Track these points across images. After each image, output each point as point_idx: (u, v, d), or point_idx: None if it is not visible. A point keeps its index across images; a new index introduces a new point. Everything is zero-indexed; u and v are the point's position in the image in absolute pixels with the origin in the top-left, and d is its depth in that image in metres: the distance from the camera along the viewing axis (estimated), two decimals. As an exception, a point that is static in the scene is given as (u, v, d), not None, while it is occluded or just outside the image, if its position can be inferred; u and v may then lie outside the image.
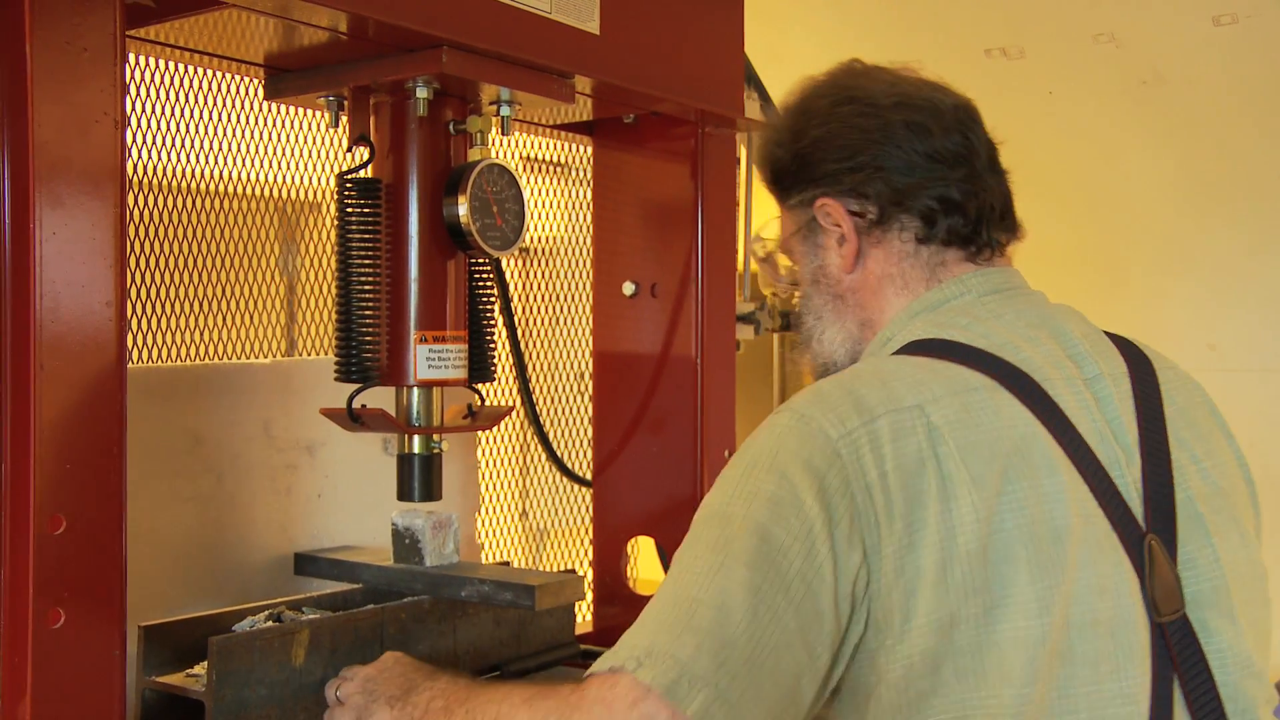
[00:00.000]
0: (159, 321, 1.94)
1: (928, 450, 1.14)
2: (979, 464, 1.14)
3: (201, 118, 1.98)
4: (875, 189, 1.31)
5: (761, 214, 2.45)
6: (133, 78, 1.86)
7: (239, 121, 2.04)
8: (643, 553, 2.28)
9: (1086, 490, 1.18)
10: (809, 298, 1.43)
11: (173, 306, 1.96)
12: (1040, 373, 1.23)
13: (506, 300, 2.18)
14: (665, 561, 2.13)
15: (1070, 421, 1.21)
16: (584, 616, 2.24)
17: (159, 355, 1.94)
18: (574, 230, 2.69)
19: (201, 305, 2.02)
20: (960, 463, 1.14)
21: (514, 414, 2.05)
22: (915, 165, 1.31)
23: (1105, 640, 1.14)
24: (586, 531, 2.38)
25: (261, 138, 2.09)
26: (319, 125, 2.14)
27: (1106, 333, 1.36)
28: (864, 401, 1.17)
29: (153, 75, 1.90)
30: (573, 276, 2.70)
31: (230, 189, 2.07)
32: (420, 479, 1.72)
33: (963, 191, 1.31)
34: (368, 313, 1.64)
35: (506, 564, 2.39)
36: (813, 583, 1.09)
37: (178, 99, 1.94)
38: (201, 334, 2.02)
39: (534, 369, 2.50)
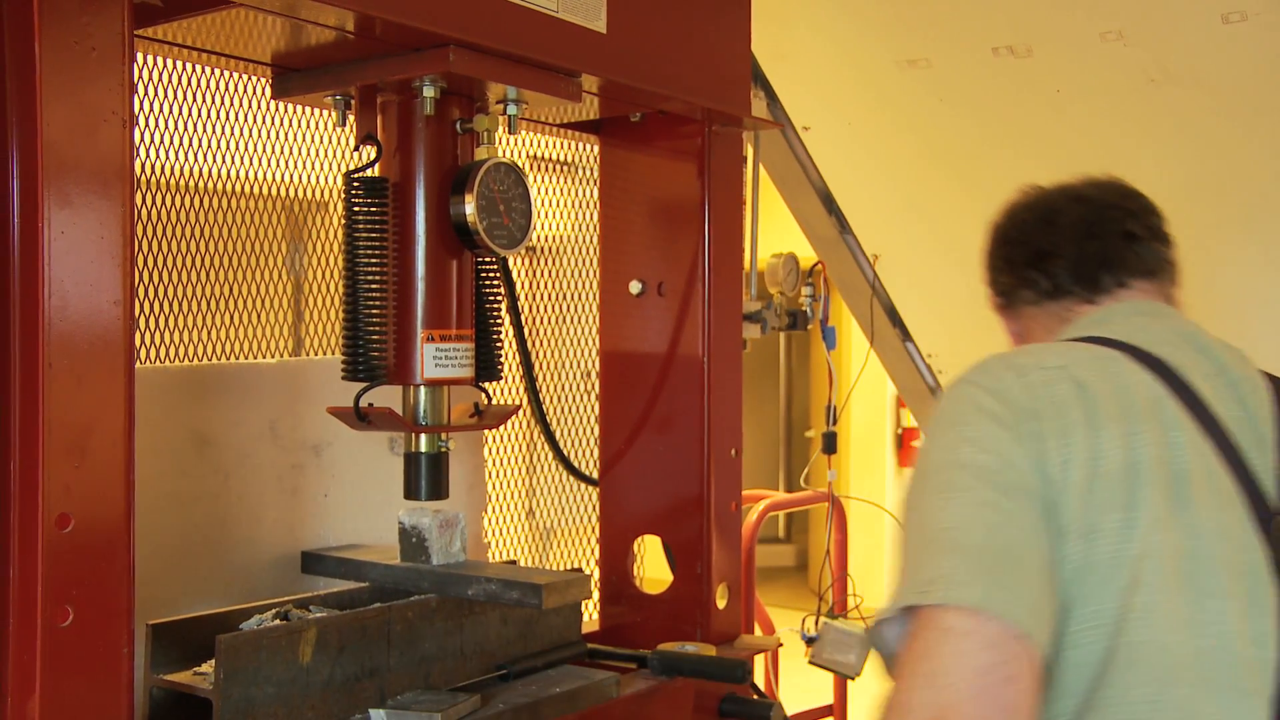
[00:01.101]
0: (167, 320, 1.94)
1: (1073, 394, 1.32)
2: (1117, 407, 1.32)
3: (209, 117, 1.98)
4: (1001, 280, 1.67)
5: (768, 213, 2.45)
6: (141, 77, 1.86)
7: (246, 121, 2.05)
8: (649, 551, 2.28)
9: (1212, 454, 1.32)
10: None
11: (180, 306, 1.96)
12: (1177, 365, 1.39)
13: (513, 299, 2.18)
14: (671, 560, 2.13)
15: (1202, 400, 1.36)
16: (591, 615, 2.24)
17: (166, 354, 1.94)
18: (581, 229, 2.69)
19: (209, 304, 2.02)
20: (1101, 404, 1.31)
21: (521, 413, 2.05)
22: (1021, 253, 1.64)
23: (1237, 581, 1.26)
24: (593, 530, 2.38)
25: (269, 137, 2.10)
26: (326, 124, 2.14)
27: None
28: (1016, 363, 1.39)
29: (161, 74, 1.91)
30: (579, 275, 2.70)
31: (237, 188, 2.08)
32: (427, 478, 1.72)
33: (1065, 257, 1.60)
34: (375, 312, 1.64)
35: (513, 563, 2.39)
36: (1027, 490, 1.25)
37: (185, 98, 1.94)
38: (209, 333, 2.02)
39: (541, 368, 2.51)
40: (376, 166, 1.69)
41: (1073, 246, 1.59)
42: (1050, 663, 1.23)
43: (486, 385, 1.80)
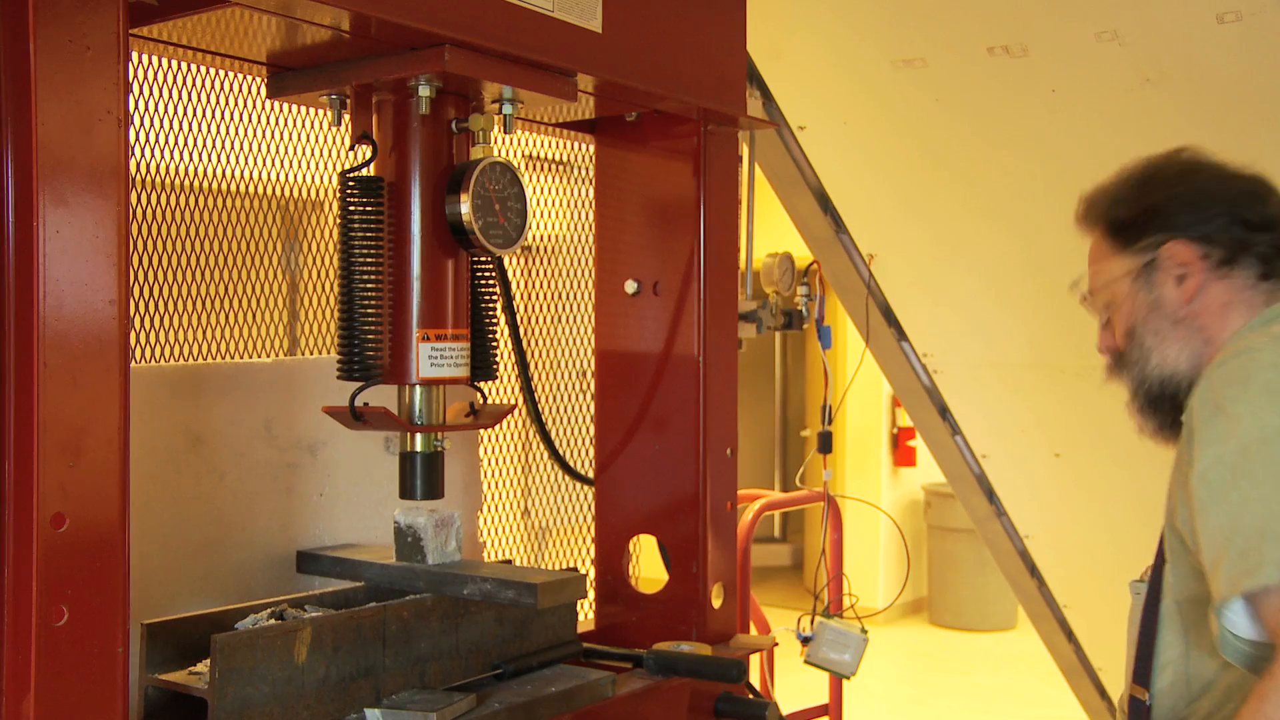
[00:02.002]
0: (162, 320, 1.94)
1: None
2: None
3: (204, 116, 1.98)
4: (1224, 237, 1.65)
5: (764, 212, 2.45)
6: (136, 76, 1.86)
7: (242, 120, 2.05)
8: (645, 551, 2.28)
9: None
10: (1146, 323, 1.70)
11: (175, 305, 1.96)
12: None
13: (509, 298, 2.18)
14: (667, 559, 2.13)
15: None
16: (586, 615, 2.24)
17: (162, 354, 1.94)
18: (576, 228, 2.70)
19: (204, 304, 2.02)
20: None
21: (516, 412, 2.05)
22: (1252, 222, 1.66)
23: None
24: (588, 529, 2.38)
25: (264, 136, 2.09)
26: (322, 124, 2.14)
27: None
28: None
29: (156, 74, 1.90)
30: (575, 275, 2.70)
31: (233, 187, 2.08)
32: (422, 477, 1.72)
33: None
34: (370, 311, 1.64)
35: (509, 562, 2.39)
36: None
37: (181, 97, 1.94)
38: (204, 332, 2.02)
39: (536, 367, 2.51)
40: (372, 166, 1.69)
41: None
42: None
43: (482, 385, 1.80)
